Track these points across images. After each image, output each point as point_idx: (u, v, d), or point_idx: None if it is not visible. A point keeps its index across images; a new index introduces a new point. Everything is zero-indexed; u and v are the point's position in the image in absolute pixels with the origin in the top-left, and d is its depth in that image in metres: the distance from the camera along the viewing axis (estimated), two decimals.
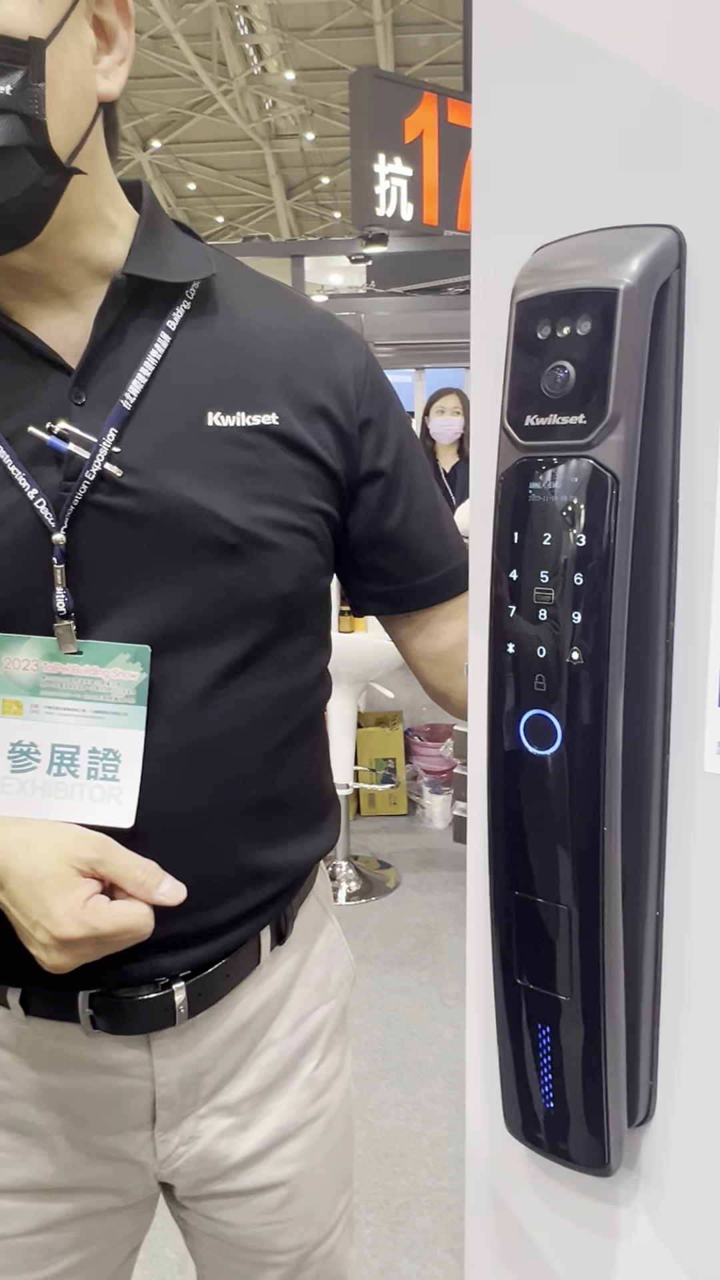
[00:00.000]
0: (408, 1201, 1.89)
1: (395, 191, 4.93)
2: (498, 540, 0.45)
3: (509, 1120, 0.52)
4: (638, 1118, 0.49)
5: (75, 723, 0.72)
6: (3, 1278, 0.82)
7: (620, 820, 0.44)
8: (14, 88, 0.59)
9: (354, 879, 3.27)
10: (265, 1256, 0.89)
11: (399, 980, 2.69)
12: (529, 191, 0.46)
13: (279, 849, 0.80)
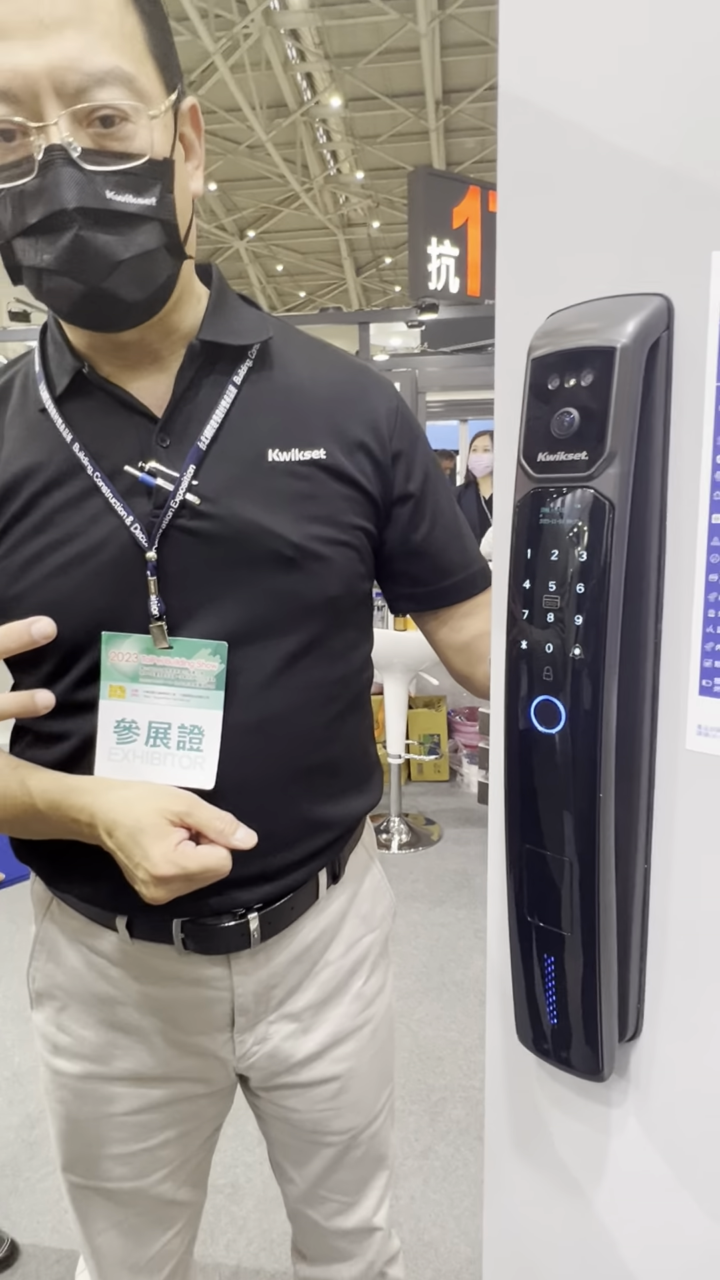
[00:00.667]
0: (445, 1096, 1.89)
1: (445, 268, 4.90)
2: (514, 556, 0.45)
3: (521, 1033, 0.52)
4: (627, 1034, 0.48)
5: (167, 704, 0.72)
6: (114, 1148, 0.84)
7: (614, 787, 0.43)
8: (157, 200, 0.61)
9: (405, 832, 3.26)
10: (322, 1136, 0.89)
11: (440, 916, 2.68)
12: (543, 269, 0.46)
13: (332, 805, 0.80)
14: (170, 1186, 0.88)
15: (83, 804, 0.69)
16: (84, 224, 0.59)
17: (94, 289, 0.62)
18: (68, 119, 0.57)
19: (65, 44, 0.56)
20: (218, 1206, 1.61)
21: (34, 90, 0.56)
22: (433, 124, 14.76)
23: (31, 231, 0.59)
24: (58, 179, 0.57)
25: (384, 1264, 1.00)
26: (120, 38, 0.59)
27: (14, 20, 0.55)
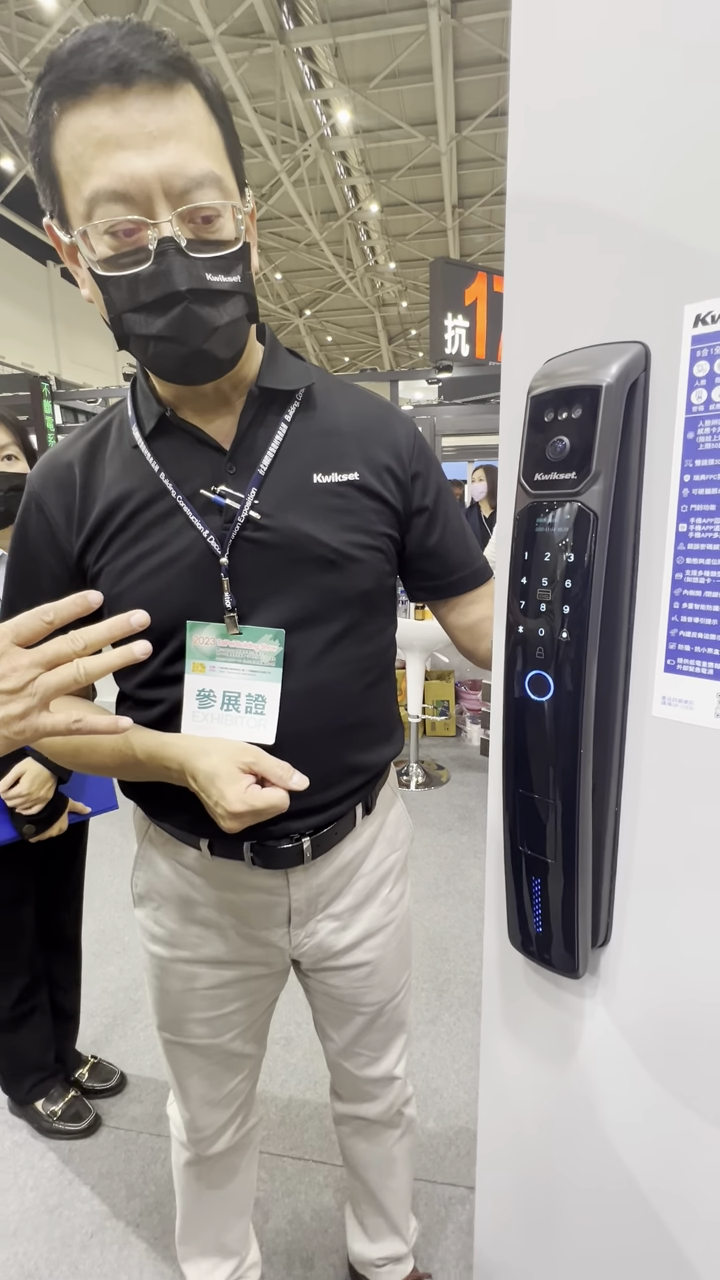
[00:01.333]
0: (449, 978, 1.88)
1: (458, 337, 4.80)
2: (514, 558, 0.43)
3: (512, 937, 0.50)
4: (599, 941, 0.46)
5: (237, 678, 0.71)
6: (196, 1014, 0.84)
7: (593, 746, 0.41)
8: (240, 277, 0.60)
9: (421, 775, 3.24)
10: (356, 1007, 0.89)
11: (447, 840, 2.66)
12: (541, 323, 0.43)
13: (366, 753, 0.78)
14: (239, 1043, 0.88)
15: (172, 755, 0.69)
16: (191, 300, 0.57)
17: (196, 350, 0.60)
18: (176, 216, 0.56)
19: (170, 153, 0.54)
20: (275, 1055, 1.63)
21: (147, 192, 0.54)
22: (450, 224, 14.48)
23: (146, 308, 0.58)
24: (170, 266, 0.56)
25: (401, 1104, 1.00)
26: (210, 145, 0.57)
27: (127, 133, 0.53)
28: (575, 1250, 0.54)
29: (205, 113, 0.57)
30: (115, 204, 0.54)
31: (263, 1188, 1.32)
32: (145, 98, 0.53)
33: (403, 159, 12.86)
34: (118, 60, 0.51)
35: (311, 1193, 1.31)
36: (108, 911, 2.22)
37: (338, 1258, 1.19)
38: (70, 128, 0.53)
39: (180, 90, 0.55)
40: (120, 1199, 1.31)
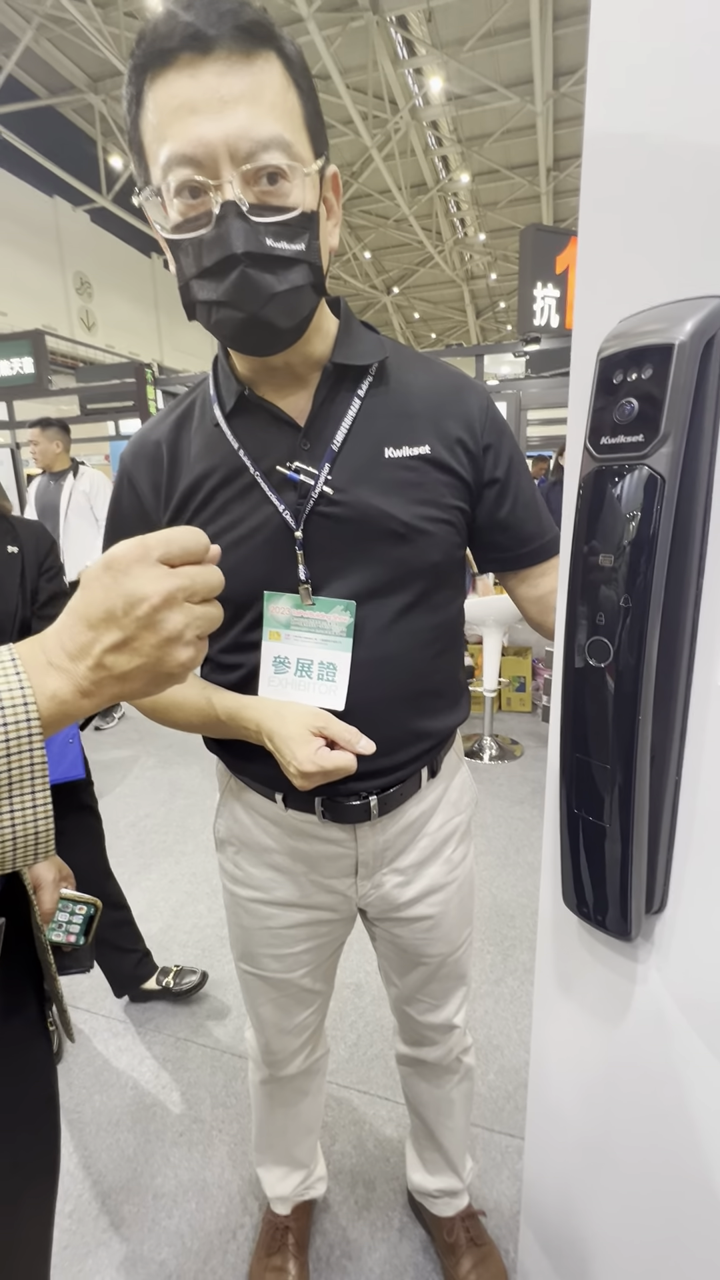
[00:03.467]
0: (515, 943, 1.88)
1: (548, 307, 4.54)
2: (577, 523, 0.42)
3: (566, 898, 0.50)
4: (654, 908, 0.45)
5: (310, 646, 0.72)
6: (270, 950, 0.88)
7: (651, 712, 0.40)
8: (305, 245, 0.58)
9: (494, 748, 3.20)
10: (419, 958, 0.91)
11: (518, 811, 2.63)
12: (612, 282, 0.41)
13: (431, 719, 0.78)
14: (308, 980, 0.92)
15: (250, 716, 0.72)
16: (248, 264, 0.56)
17: (252, 317, 0.59)
18: (239, 178, 0.54)
19: (239, 117, 0.53)
20: (345, 998, 1.70)
21: (213, 155, 0.53)
22: (544, 188, 13.62)
23: (207, 273, 0.57)
24: (230, 229, 0.55)
25: (459, 1052, 1.02)
26: (283, 111, 0.55)
27: (200, 98, 0.53)
28: (617, 1203, 0.54)
29: (283, 79, 0.55)
30: (184, 167, 0.54)
31: (330, 1114, 1.39)
32: (222, 63, 0.52)
33: (496, 123, 12.20)
34: (196, 29, 0.51)
35: (375, 1124, 1.37)
36: (199, 856, 2.37)
37: (398, 1184, 1.24)
38: (154, 96, 0.54)
39: (259, 57, 0.54)
40: (205, 1107, 1.42)
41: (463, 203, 15.75)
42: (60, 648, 0.36)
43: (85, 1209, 1.22)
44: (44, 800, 0.34)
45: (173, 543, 0.37)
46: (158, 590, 0.36)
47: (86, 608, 0.36)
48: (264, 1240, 1.12)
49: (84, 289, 15.39)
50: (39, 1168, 0.60)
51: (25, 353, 5.34)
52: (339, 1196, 1.23)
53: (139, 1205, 1.23)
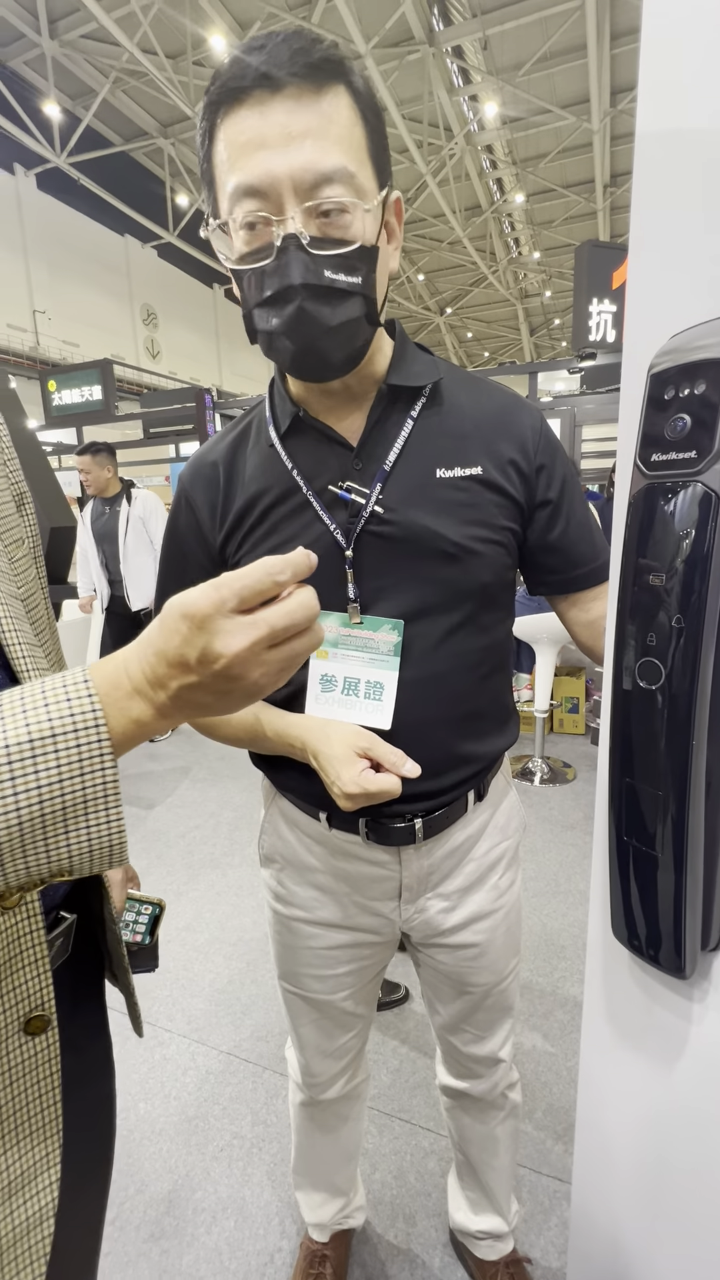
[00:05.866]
0: (565, 975, 1.80)
1: (603, 322, 4.48)
2: (627, 541, 0.41)
3: (616, 931, 0.48)
4: (710, 944, 0.43)
5: (357, 664, 0.71)
6: (311, 970, 0.88)
7: (706, 736, 0.38)
8: (363, 279, 0.59)
9: (545, 771, 3.11)
10: (463, 986, 0.88)
11: (569, 837, 2.54)
12: (664, 297, 0.40)
13: (478, 743, 0.77)
14: (350, 1003, 0.91)
15: (296, 734, 0.72)
16: (305, 296, 0.57)
17: (307, 348, 0.60)
18: (301, 211, 0.55)
19: (305, 151, 0.54)
20: (387, 1022, 1.67)
21: (278, 188, 0.55)
22: (600, 204, 13.53)
23: (267, 303, 0.59)
24: (289, 261, 0.56)
25: (505, 1087, 0.98)
26: (349, 144, 0.56)
27: (268, 134, 0.54)
28: (671, 1259, 0.51)
29: (351, 113, 0.56)
30: (250, 199, 0.56)
31: (371, 1141, 1.36)
32: (291, 100, 0.54)
33: (551, 144, 12.24)
34: (268, 67, 0.53)
35: (416, 1156, 1.33)
36: (245, 869, 2.39)
37: (439, 1221, 1.20)
38: (225, 132, 0.56)
39: (327, 91, 0.55)
40: (246, 1123, 1.42)
41: (517, 223, 15.80)
42: (142, 675, 0.37)
43: (127, 1217, 1.24)
44: (116, 815, 0.36)
45: (246, 588, 0.36)
46: (232, 647, 0.35)
47: (165, 647, 0.36)
48: (301, 1267, 1.10)
49: (150, 319, 16.19)
50: (93, 1168, 0.61)
51: (94, 381, 5.64)
52: (379, 1228, 1.20)
53: (179, 1218, 1.23)
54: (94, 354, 11.50)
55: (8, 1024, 0.44)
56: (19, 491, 0.57)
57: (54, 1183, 0.46)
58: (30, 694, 0.35)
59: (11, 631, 0.47)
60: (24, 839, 0.34)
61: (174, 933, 2.06)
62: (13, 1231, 0.44)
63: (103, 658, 0.39)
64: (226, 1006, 1.75)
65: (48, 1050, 0.46)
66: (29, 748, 0.33)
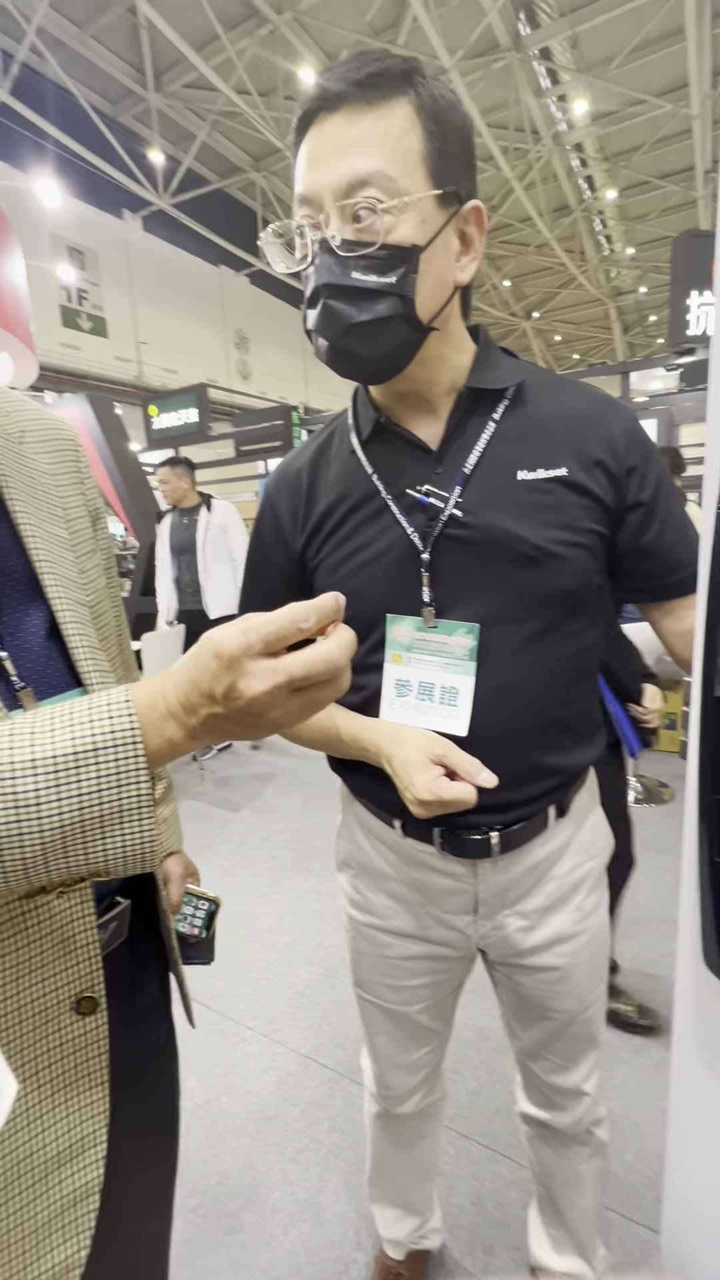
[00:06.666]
0: (661, 1009, 1.69)
1: (703, 315, 4.22)
2: (717, 542, 0.38)
3: (708, 958, 0.44)
4: None
5: (432, 669, 0.71)
6: (386, 979, 0.87)
7: None
8: (397, 278, 0.60)
9: (639, 790, 2.94)
10: (544, 1011, 0.85)
11: (664, 861, 2.38)
12: None
13: (561, 755, 0.74)
14: (426, 1017, 0.89)
15: (370, 739, 0.72)
16: (327, 295, 0.59)
17: (335, 345, 0.61)
18: (335, 215, 0.58)
19: (348, 159, 0.57)
20: (467, 1041, 1.62)
21: (320, 196, 0.58)
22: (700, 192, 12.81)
23: (308, 304, 0.62)
24: (320, 264, 0.59)
25: (591, 1123, 0.93)
26: (394, 149, 0.57)
27: (322, 149, 0.57)
28: None
29: (406, 121, 0.57)
30: (302, 208, 0.60)
31: (448, 1162, 1.33)
32: (345, 115, 0.57)
33: (646, 135, 11.77)
34: (330, 90, 0.57)
35: (496, 1184, 1.29)
36: (326, 875, 2.42)
37: (519, 1256, 1.15)
38: (299, 156, 0.60)
39: (381, 104, 0.57)
40: (323, 1129, 1.43)
41: (609, 219, 15.26)
42: (177, 700, 0.40)
43: (209, 1206, 1.27)
44: (149, 824, 0.39)
45: (271, 634, 0.37)
46: (253, 689, 0.37)
47: (198, 678, 0.39)
48: None
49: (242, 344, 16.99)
50: (160, 1145, 0.64)
51: (191, 404, 5.98)
52: (455, 1254, 1.17)
53: (257, 1215, 1.25)
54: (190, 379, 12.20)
55: (59, 1003, 0.47)
56: (94, 508, 0.63)
57: (100, 1159, 0.49)
58: (77, 710, 0.38)
59: (77, 635, 0.52)
60: (65, 842, 0.37)
61: (256, 934, 2.11)
62: (60, 1202, 0.47)
63: (147, 679, 0.42)
64: (305, 1010, 1.77)
65: (97, 1030, 0.48)
66: (73, 759, 0.36)
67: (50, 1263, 0.46)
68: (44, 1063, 0.46)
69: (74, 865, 0.38)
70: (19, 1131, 0.44)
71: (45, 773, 0.36)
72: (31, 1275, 0.45)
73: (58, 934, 0.46)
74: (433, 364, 0.68)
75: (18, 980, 0.44)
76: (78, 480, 0.61)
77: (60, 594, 0.51)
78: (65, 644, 0.51)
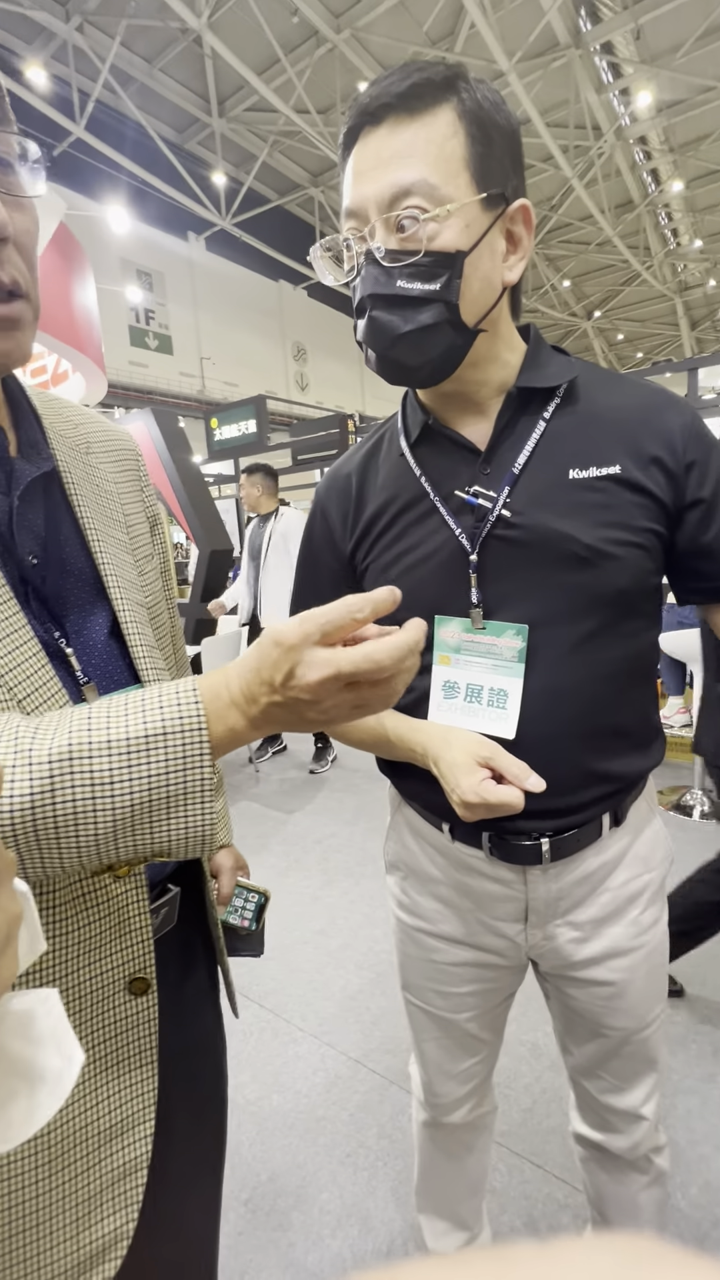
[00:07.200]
0: None
1: None
2: None
3: None
4: None
5: (480, 671, 0.70)
6: (434, 985, 0.86)
7: None
8: (441, 285, 0.60)
9: (705, 804, 2.79)
10: (598, 1028, 0.82)
11: None
12: None
13: (614, 760, 0.71)
14: (474, 1026, 0.88)
15: (418, 740, 0.72)
16: (373, 306, 0.60)
17: (383, 356, 0.62)
18: (380, 226, 0.58)
19: (391, 170, 0.57)
20: (520, 1057, 1.58)
21: (365, 209, 0.59)
22: None
23: (356, 315, 0.62)
24: (365, 275, 0.59)
25: (649, 1149, 0.88)
26: (437, 158, 0.57)
27: (365, 163, 0.58)
28: None
29: (449, 127, 0.57)
30: (350, 222, 0.61)
31: (499, 1179, 1.30)
32: (388, 127, 0.58)
33: (713, 123, 11.30)
34: (373, 104, 0.57)
35: (549, 1207, 1.25)
36: (378, 880, 2.42)
37: None
38: (345, 170, 0.61)
39: (423, 113, 0.57)
40: (371, 1134, 1.42)
41: (675, 212, 14.72)
42: (240, 689, 0.42)
43: (260, 1201, 1.29)
44: (210, 808, 0.40)
45: (329, 622, 0.39)
46: (308, 677, 0.39)
47: (260, 667, 0.41)
48: None
49: (300, 355, 17.32)
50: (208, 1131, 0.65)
51: (250, 416, 6.15)
52: None
53: (306, 1214, 1.26)
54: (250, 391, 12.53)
55: (114, 982, 0.49)
56: (152, 515, 0.65)
57: (148, 1135, 0.50)
58: (148, 697, 0.40)
59: (136, 634, 0.54)
60: (133, 821, 0.38)
61: (308, 935, 2.13)
62: (111, 1174, 0.49)
63: (212, 670, 0.44)
64: (356, 1015, 1.77)
65: (148, 1010, 0.50)
66: (144, 742, 0.38)
67: (101, 1231, 0.48)
68: (98, 1039, 0.48)
69: (140, 843, 0.39)
70: (74, 1104, 0.46)
71: (119, 753, 0.38)
72: (84, 1241, 0.47)
73: (114, 916, 0.48)
74: (482, 365, 0.67)
75: (77, 959, 0.46)
76: (138, 488, 0.64)
77: (121, 595, 0.54)
78: (125, 642, 0.53)
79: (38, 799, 0.36)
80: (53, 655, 0.48)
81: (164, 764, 0.38)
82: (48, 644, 0.48)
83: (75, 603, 0.52)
